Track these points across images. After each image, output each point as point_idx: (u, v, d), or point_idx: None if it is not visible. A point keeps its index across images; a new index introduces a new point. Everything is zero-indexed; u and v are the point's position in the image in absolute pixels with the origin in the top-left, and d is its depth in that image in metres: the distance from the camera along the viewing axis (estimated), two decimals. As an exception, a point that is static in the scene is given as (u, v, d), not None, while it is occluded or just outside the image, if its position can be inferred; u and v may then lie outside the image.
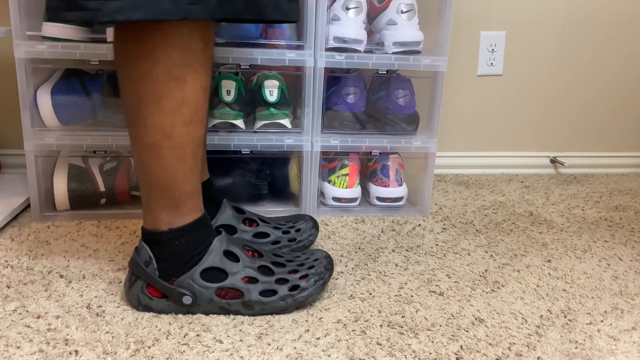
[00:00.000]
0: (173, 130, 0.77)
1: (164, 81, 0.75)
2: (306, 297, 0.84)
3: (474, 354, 0.76)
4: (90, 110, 1.17)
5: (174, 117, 0.77)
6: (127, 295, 0.84)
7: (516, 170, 1.71)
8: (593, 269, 1.04)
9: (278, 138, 1.20)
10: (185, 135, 0.79)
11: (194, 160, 0.82)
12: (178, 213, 0.82)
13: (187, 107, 0.77)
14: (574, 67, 1.69)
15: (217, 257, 0.82)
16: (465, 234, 1.19)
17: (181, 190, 0.81)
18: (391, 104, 1.27)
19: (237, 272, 0.82)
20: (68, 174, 1.17)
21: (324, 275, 0.87)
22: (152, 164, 0.80)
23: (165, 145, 0.78)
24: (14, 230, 1.12)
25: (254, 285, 0.82)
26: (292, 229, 1.04)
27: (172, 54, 0.74)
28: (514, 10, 1.62)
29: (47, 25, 1.10)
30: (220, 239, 0.84)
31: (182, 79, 0.76)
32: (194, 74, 0.77)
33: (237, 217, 1.00)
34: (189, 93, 0.77)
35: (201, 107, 0.80)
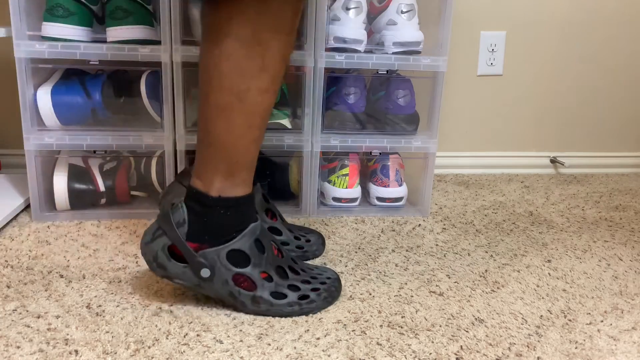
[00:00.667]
0: (248, 94, 0.77)
1: (250, 42, 0.75)
2: (312, 309, 0.84)
3: (474, 354, 0.76)
4: (90, 110, 1.17)
5: (252, 81, 0.77)
6: (144, 249, 0.81)
7: (516, 170, 1.71)
8: (593, 269, 1.04)
9: (278, 138, 1.20)
10: (258, 103, 0.79)
11: (259, 132, 0.82)
12: (232, 182, 0.81)
13: (266, 74, 0.77)
14: (574, 67, 1.69)
15: (248, 242, 0.81)
16: (465, 234, 1.19)
17: (240, 159, 0.81)
18: (391, 104, 1.27)
19: (259, 264, 0.82)
20: (68, 174, 1.17)
21: (333, 295, 0.88)
22: (219, 125, 0.79)
23: (237, 109, 0.78)
24: (14, 230, 1.12)
25: (268, 283, 0.83)
26: (303, 238, 1.04)
27: (263, 17, 0.75)
28: (514, 10, 1.62)
29: (47, 25, 1.10)
30: (256, 225, 0.83)
31: (267, 44, 0.76)
32: (279, 42, 0.77)
33: (262, 205, 1.01)
34: (270, 61, 0.77)
35: (278, 77, 0.80)
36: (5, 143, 1.47)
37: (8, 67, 1.41)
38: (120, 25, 1.11)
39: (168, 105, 1.15)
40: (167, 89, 1.14)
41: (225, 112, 0.78)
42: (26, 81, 1.10)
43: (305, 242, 1.04)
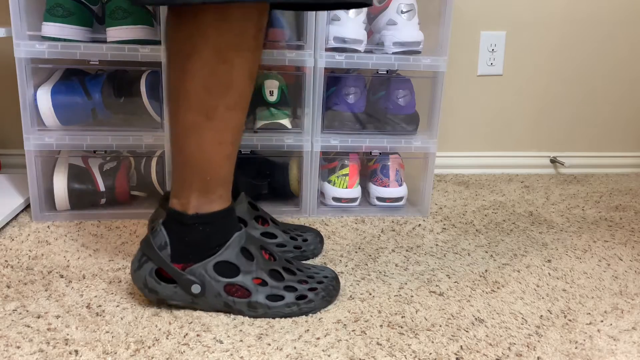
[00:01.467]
0: (216, 112, 0.78)
1: (214, 62, 0.75)
2: (311, 309, 0.84)
3: (474, 354, 0.76)
4: (90, 110, 1.17)
5: (219, 99, 0.77)
6: (134, 276, 0.83)
7: (516, 170, 1.71)
8: (593, 269, 1.04)
9: (278, 138, 1.20)
10: (227, 120, 0.79)
11: (231, 147, 0.82)
12: (207, 199, 0.82)
13: (233, 91, 0.78)
14: (574, 67, 1.69)
15: (234, 252, 0.82)
16: (465, 234, 1.19)
17: (214, 176, 0.81)
18: (391, 104, 1.27)
19: (250, 271, 0.82)
20: (68, 174, 1.17)
21: (331, 294, 0.87)
22: (190, 144, 0.79)
23: (206, 127, 0.78)
24: (14, 230, 1.12)
25: (263, 287, 0.82)
26: (300, 238, 1.04)
27: (225, 35, 0.75)
28: (514, 10, 1.62)
29: (47, 25, 1.10)
30: (241, 234, 0.83)
31: (231, 62, 0.76)
32: (243, 59, 0.77)
33: (251, 213, 1.00)
34: (236, 78, 0.77)
35: (246, 94, 0.80)
36: (5, 143, 1.47)
37: (8, 67, 1.42)
38: (120, 25, 1.11)
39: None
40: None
41: (195, 131, 0.79)
42: (26, 81, 1.10)
43: (303, 242, 1.04)
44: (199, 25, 0.74)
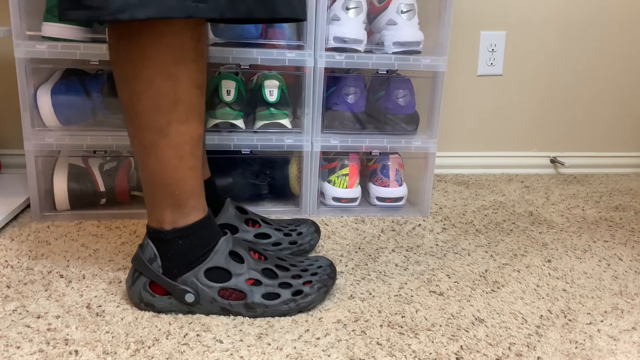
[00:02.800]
0: (169, 128, 0.77)
1: (157, 79, 0.75)
2: (309, 303, 0.84)
3: (474, 354, 0.76)
4: (90, 110, 1.17)
5: (170, 115, 0.77)
6: (129, 293, 0.84)
7: (516, 170, 1.71)
8: (593, 269, 1.04)
9: (278, 138, 1.20)
10: (182, 134, 0.79)
11: (193, 159, 0.81)
12: (181, 212, 0.82)
13: (182, 105, 0.77)
14: (574, 67, 1.69)
15: (222, 257, 0.82)
16: (465, 234, 1.19)
17: (182, 189, 0.81)
18: (391, 104, 1.27)
19: (242, 273, 0.82)
20: (68, 174, 1.17)
21: (327, 283, 0.87)
22: (151, 162, 0.80)
23: (163, 144, 0.78)
24: (14, 230, 1.12)
25: (257, 287, 0.82)
26: (294, 232, 1.04)
27: (163, 51, 0.74)
28: (514, 10, 1.62)
29: (47, 25, 1.10)
30: (227, 239, 0.84)
31: (174, 77, 0.76)
32: (186, 71, 0.77)
33: (240, 217, 1.00)
34: (182, 91, 0.77)
35: (197, 105, 0.79)
36: (5, 143, 1.47)
37: (8, 67, 1.42)
38: (120, 25, 1.11)
39: (168, 105, 1.15)
40: (167, 89, 1.14)
41: (153, 149, 0.78)
42: (26, 81, 1.10)
43: (297, 236, 1.03)
44: (137, 45, 0.74)
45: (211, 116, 1.20)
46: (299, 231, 1.04)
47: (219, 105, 1.20)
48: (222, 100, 1.20)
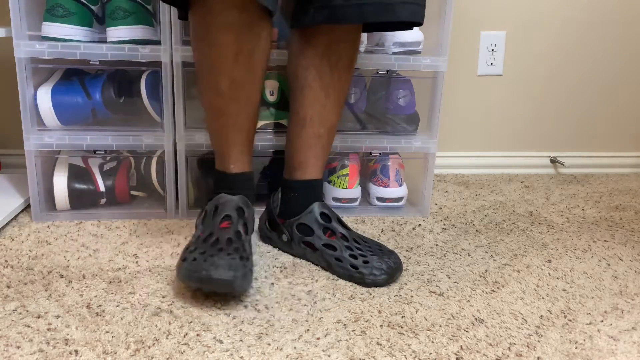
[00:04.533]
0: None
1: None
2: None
3: (474, 354, 0.76)
4: (90, 110, 1.17)
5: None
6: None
7: (516, 170, 1.71)
8: (593, 269, 1.04)
9: (278, 138, 1.20)
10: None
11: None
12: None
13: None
14: (574, 67, 1.69)
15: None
16: (465, 234, 1.19)
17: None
18: (391, 104, 1.27)
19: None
20: (68, 174, 1.17)
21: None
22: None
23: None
24: (14, 230, 1.12)
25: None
26: (362, 257, 0.96)
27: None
28: (514, 10, 1.62)
29: (47, 25, 1.10)
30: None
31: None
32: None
33: (319, 224, 1.01)
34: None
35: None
36: (5, 143, 1.47)
37: (8, 67, 1.42)
38: (120, 25, 1.11)
39: (168, 105, 1.15)
40: (167, 89, 1.14)
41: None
42: (26, 81, 1.10)
43: (363, 263, 0.95)
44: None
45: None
46: (366, 260, 0.95)
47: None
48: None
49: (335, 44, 1.00)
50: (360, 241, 1.00)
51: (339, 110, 1.06)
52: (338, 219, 1.02)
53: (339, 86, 1.03)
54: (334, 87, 1.03)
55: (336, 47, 1.01)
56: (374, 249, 0.98)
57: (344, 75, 1.04)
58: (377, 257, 0.95)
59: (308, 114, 1.04)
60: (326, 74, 1.02)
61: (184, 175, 1.19)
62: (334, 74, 1.02)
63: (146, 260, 1.00)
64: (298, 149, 1.06)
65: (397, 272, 0.95)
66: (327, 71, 1.02)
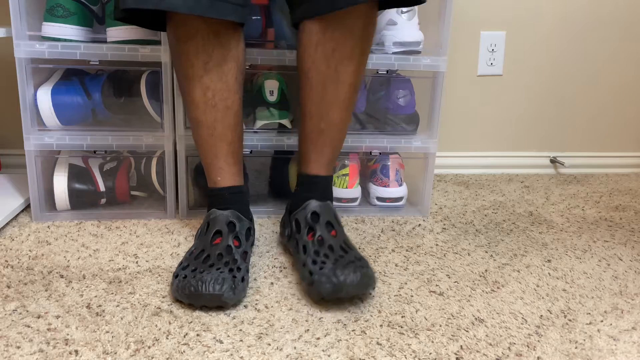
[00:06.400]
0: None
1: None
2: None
3: (474, 354, 0.76)
4: (90, 110, 1.17)
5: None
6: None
7: (516, 170, 1.71)
8: (593, 269, 1.04)
9: (278, 138, 1.20)
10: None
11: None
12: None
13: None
14: (574, 67, 1.69)
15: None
16: (465, 234, 1.19)
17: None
18: (391, 104, 1.27)
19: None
20: (68, 174, 1.17)
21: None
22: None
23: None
24: (14, 230, 1.12)
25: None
26: (320, 262, 0.90)
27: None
28: (514, 10, 1.62)
29: (47, 25, 1.10)
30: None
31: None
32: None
33: (308, 222, 0.98)
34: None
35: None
36: (5, 143, 1.47)
37: (8, 67, 1.42)
38: (120, 25, 1.11)
39: (168, 105, 1.15)
40: (167, 89, 1.14)
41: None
42: (26, 81, 1.10)
43: (314, 266, 0.90)
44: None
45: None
46: (322, 267, 0.88)
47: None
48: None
49: (329, 32, 0.94)
50: (336, 248, 0.91)
51: (343, 105, 1.00)
52: (328, 221, 0.96)
53: (335, 77, 0.97)
54: (332, 79, 0.97)
55: (330, 34, 0.94)
56: (340, 260, 0.88)
57: (342, 67, 0.96)
58: (336, 267, 0.85)
59: (307, 107, 1.01)
60: (322, 64, 0.96)
61: (184, 175, 1.19)
62: (330, 64, 0.96)
63: (146, 260, 1.00)
64: (301, 143, 1.06)
65: (346, 288, 0.83)
66: (322, 61, 0.96)
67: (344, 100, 1.00)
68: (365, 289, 0.87)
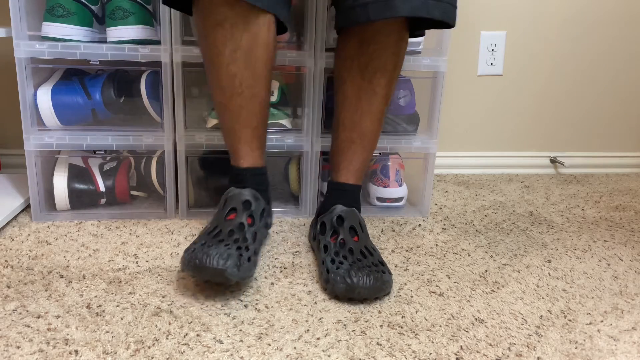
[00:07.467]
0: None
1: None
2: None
3: (474, 354, 0.76)
4: (90, 110, 1.17)
5: None
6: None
7: (516, 170, 1.71)
8: (593, 269, 1.04)
9: (278, 138, 1.20)
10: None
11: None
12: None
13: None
14: (574, 67, 1.69)
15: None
16: (465, 234, 1.19)
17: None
18: (391, 104, 1.27)
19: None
20: (68, 174, 1.17)
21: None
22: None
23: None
24: (14, 230, 1.12)
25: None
26: (337, 262, 0.93)
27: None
28: (514, 10, 1.62)
29: (47, 25, 1.10)
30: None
31: None
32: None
33: (333, 225, 1.01)
34: None
35: None
36: (5, 143, 1.47)
37: (8, 67, 1.42)
38: (120, 25, 1.11)
39: (168, 105, 1.15)
40: (167, 89, 1.14)
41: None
42: (26, 81, 1.10)
43: (332, 265, 0.93)
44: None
45: (212, 116, 1.20)
46: (339, 267, 0.91)
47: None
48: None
49: (365, 46, 0.99)
50: (356, 252, 0.94)
51: (374, 117, 1.04)
52: (352, 226, 0.98)
53: (370, 90, 1.02)
54: (366, 90, 1.02)
55: (366, 48, 0.99)
56: (357, 263, 0.90)
57: (377, 79, 1.01)
58: (351, 269, 0.88)
59: (340, 117, 1.06)
60: (356, 76, 1.01)
61: (184, 175, 1.19)
62: (364, 76, 1.01)
63: (146, 260, 1.00)
64: (333, 152, 1.09)
65: (358, 289, 0.86)
66: (357, 73, 1.01)
67: (376, 112, 1.04)
68: (378, 293, 0.88)
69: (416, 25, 1.05)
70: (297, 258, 1.04)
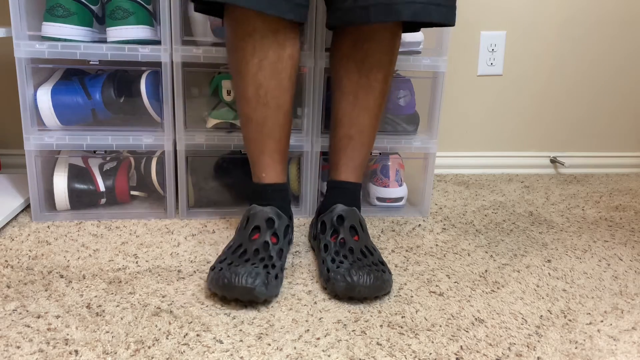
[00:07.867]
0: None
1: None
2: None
3: (474, 354, 0.76)
4: (90, 110, 1.17)
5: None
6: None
7: (516, 170, 1.71)
8: (593, 269, 1.04)
9: (278, 138, 1.20)
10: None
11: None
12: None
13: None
14: (574, 67, 1.69)
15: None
16: (465, 234, 1.19)
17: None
18: (391, 104, 1.27)
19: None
20: (68, 174, 1.17)
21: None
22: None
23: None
24: (14, 230, 1.12)
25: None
26: (337, 263, 0.92)
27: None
28: (514, 10, 1.62)
29: (47, 25, 1.10)
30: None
31: None
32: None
33: (334, 224, 1.01)
34: None
35: None
36: (5, 143, 1.47)
37: (8, 67, 1.42)
38: (120, 25, 1.11)
39: (168, 105, 1.15)
40: (167, 89, 1.14)
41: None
42: (26, 81, 1.10)
43: (333, 264, 0.93)
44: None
45: (211, 116, 1.20)
46: (339, 266, 0.91)
47: (219, 105, 1.20)
48: (222, 101, 1.20)
49: (360, 43, 1.01)
50: (356, 251, 0.94)
51: (372, 113, 1.05)
52: (352, 225, 0.99)
53: (368, 85, 1.03)
54: (363, 86, 1.03)
55: (361, 46, 1.01)
56: (357, 262, 0.91)
57: (374, 74, 1.02)
58: (351, 268, 0.88)
59: (338, 115, 1.06)
60: (353, 73, 1.03)
61: (184, 175, 1.19)
62: (361, 72, 1.02)
63: (146, 260, 1.00)
64: (332, 150, 1.10)
65: (358, 288, 0.86)
66: (354, 70, 1.02)
67: (374, 108, 1.05)
68: (378, 292, 0.88)
69: (416, 25, 1.05)
70: (297, 258, 1.04)
